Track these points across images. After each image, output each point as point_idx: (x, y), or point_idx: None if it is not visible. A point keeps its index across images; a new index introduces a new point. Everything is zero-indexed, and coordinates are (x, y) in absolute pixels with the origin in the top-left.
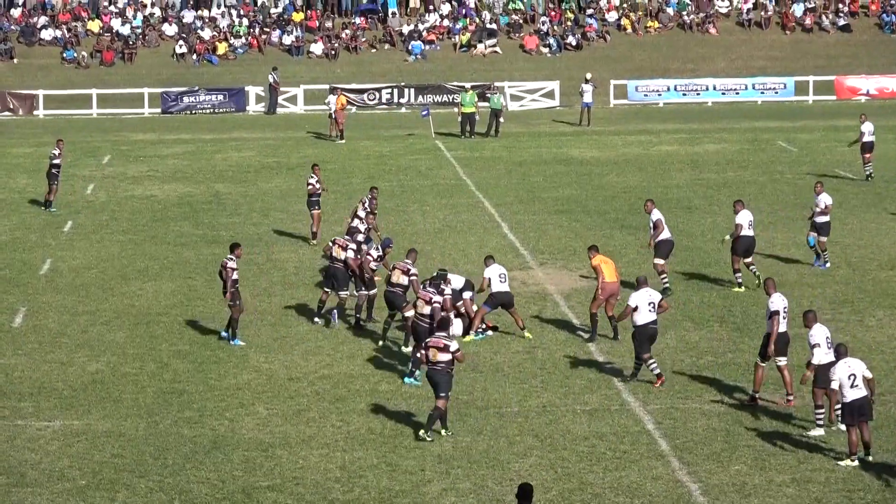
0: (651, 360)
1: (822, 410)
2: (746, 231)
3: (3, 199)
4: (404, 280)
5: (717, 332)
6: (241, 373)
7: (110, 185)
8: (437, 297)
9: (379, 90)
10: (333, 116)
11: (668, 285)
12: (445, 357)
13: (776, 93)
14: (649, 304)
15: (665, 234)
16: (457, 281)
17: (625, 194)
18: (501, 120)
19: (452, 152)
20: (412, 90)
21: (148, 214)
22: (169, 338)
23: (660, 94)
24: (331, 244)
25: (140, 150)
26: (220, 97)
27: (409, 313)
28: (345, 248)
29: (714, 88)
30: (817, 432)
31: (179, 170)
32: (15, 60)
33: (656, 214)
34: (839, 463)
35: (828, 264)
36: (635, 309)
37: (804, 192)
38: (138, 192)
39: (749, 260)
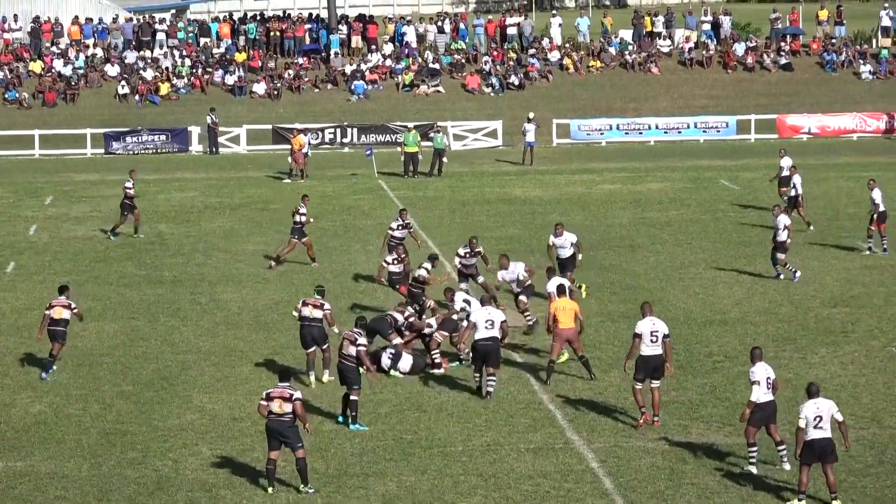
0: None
1: (755, 448)
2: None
3: None
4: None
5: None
6: (184, 413)
7: (53, 225)
8: (363, 340)
9: (322, 130)
10: (293, 157)
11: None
12: (288, 408)
13: (718, 131)
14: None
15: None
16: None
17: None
18: (445, 160)
19: (396, 192)
20: (355, 130)
21: (90, 255)
22: (112, 378)
23: (602, 133)
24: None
25: (83, 191)
26: (163, 137)
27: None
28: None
29: (656, 127)
30: (752, 469)
31: None
32: None
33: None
34: (786, 502)
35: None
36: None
37: (747, 230)
38: (81, 233)
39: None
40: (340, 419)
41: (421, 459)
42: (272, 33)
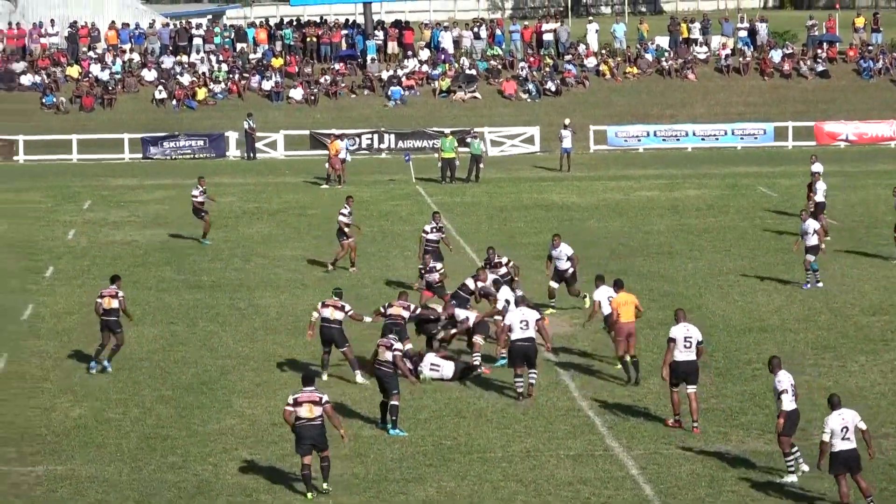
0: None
1: (792, 457)
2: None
3: None
4: (406, 315)
5: (699, 378)
6: (224, 418)
7: (91, 230)
8: (398, 345)
9: (359, 135)
10: (330, 162)
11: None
12: (319, 411)
13: (755, 138)
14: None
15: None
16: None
17: (605, 239)
18: (482, 165)
19: (433, 197)
20: (392, 136)
21: (129, 259)
22: (152, 383)
23: (639, 140)
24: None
25: (121, 196)
26: (200, 142)
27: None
28: (341, 309)
29: (694, 134)
30: (790, 479)
31: (160, 215)
32: None
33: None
34: None
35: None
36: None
37: (785, 238)
38: (119, 238)
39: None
40: (381, 425)
41: (460, 465)
42: (309, 39)
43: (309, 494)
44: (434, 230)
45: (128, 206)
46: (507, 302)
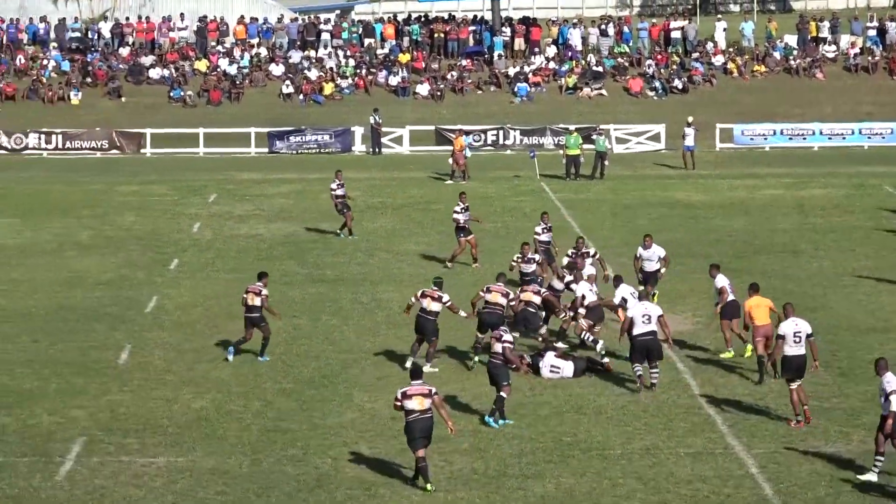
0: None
1: (882, 458)
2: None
3: (110, 237)
4: (503, 301)
5: (822, 377)
6: (344, 411)
7: (216, 223)
8: (507, 337)
9: (484, 131)
10: (454, 157)
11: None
12: (429, 403)
13: (883, 138)
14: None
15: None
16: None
17: (730, 238)
18: (606, 163)
19: (557, 194)
20: (517, 132)
21: (253, 253)
22: (273, 376)
23: (766, 138)
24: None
25: (246, 189)
26: (327, 137)
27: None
28: (437, 299)
29: (820, 133)
30: (871, 476)
31: (285, 209)
32: (123, 99)
33: (721, 280)
34: None
35: None
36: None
37: None
38: (244, 231)
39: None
40: (493, 420)
41: (579, 462)
42: (436, 35)
43: (429, 486)
44: (545, 231)
45: (253, 199)
46: (624, 300)
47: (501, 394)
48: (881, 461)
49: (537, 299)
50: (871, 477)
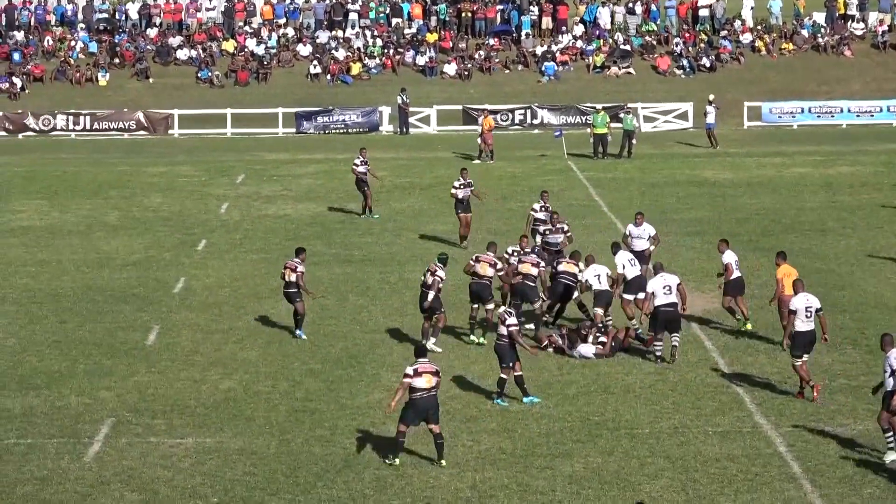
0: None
1: (892, 434)
2: (736, 272)
3: (138, 218)
4: (490, 272)
5: (851, 355)
6: (372, 392)
7: (244, 204)
8: (512, 320)
9: (512, 111)
10: (483, 137)
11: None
12: (436, 381)
13: None
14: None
15: (736, 274)
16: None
17: (758, 216)
18: (634, 141)
19: (585, 173)
20: (545, 111)
21: (281, 234)
22: (301, 356)
23: (794, 116)
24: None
25: (274, 170)
26: (354, 117)
27: (490, 306)
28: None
29: (849, 111)
30: (891, 457)
31: (312, 189)
32: (150, 80)
33: (729, 256)
34: None
35: None
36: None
37: None
38: (271, 212)
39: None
40: (526, 399)
41: (607, 441)
42: (463, 14)
43: (397, 460)
44: (542, 209)
45: (280, 180)
46: (624, 266)
47: (517, 373)
48: (892, 437)
49: (535, 271)
50: (894, 455)
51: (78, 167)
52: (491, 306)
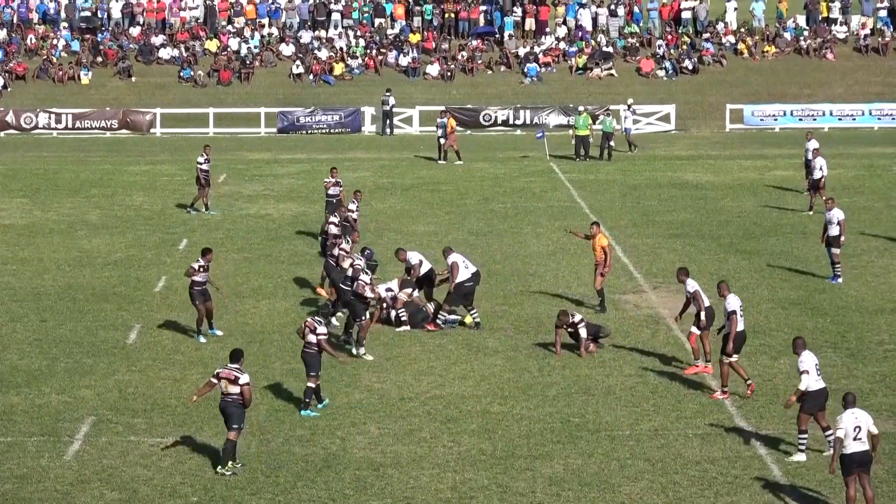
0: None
1: (806, 436)
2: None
3: (119, 217)
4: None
5: (831, 358)
6: (353, 392)
7: (225, 203)
8: (322, 329)
9: (494, 112)
10: (445, 139)
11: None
12: (235, 389)
13: (893, 119)
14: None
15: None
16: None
17: (739, 219)
18: (612, 143)
19: (567, 175)
20: (527, 112)
21: (262, 233)
22: (282, 356)
23: (776, 119)
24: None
25: (255, 170)
26: (336, 117)
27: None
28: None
29: (830, 114)
30: (799, 457)
31: (294, 189)
32: (133, 79)
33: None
34: None
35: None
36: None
37: None
38: (253, 211)
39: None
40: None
41: (588, 443)
42: (447, 15)
43: (225, 469)
44: (334, 184)
45: (262, 179)
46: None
47: (309, 384)
48: (803, 440)
49: (373, 294)
50: (800, 457)
51: (60, 165)
52: (366, 318)
